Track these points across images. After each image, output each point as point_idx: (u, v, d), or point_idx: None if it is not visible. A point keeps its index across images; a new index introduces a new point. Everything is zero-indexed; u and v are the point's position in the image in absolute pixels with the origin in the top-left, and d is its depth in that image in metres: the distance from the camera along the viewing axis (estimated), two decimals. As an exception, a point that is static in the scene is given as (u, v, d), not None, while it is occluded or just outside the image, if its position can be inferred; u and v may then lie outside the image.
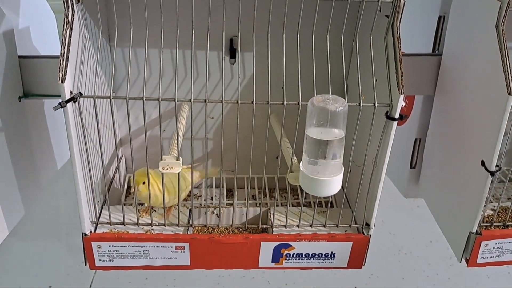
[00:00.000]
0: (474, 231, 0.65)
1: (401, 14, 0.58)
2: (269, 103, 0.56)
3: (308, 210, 0.69)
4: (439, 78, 0.76)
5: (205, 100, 0.56)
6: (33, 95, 0.73)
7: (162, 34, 0.57)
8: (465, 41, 0.69)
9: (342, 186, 0.74)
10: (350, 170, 0.64)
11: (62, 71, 0.53)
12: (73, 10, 0.55)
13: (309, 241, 0.65)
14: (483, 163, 0.62)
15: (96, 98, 0.55)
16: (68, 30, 0.55)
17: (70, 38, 0.54)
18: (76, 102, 0.55)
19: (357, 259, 0.67)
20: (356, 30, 0.60)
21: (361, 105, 0.57)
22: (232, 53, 0.74)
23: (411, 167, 0.85)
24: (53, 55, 0.71)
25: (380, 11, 0.61)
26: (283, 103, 0.56)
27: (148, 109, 0.77)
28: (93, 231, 0.63)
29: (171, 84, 0.75)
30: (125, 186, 0.81)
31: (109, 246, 0.63)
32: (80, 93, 0.55)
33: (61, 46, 0.54)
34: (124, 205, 0.66)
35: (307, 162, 0.57)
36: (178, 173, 0.59)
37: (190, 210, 0.68)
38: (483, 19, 0.63)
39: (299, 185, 0.59)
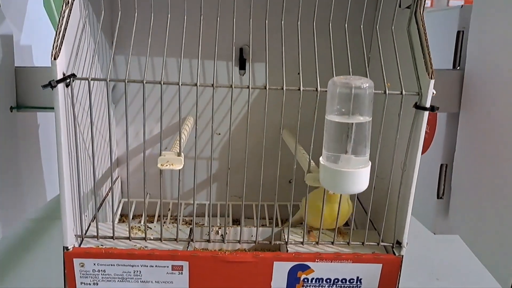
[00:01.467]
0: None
1: (424, 2, 0.54)
2: (284, 89, 0.50)
3: (328, 232, 0.60)
4: (463, 95, 0.71)
5: (212, 85, 0.50)
6: (26, 107, 0.68)
7: (168, 19, 0.53)
8: (489, 52, 0.64)
9: (364, 209, 0.65)
10: (374, 187, 0.56)
11: (56, 48, 0.48)
12: None
13: (331, 261, 0.54)
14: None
15: (91, 80, 0.50)
16: (67, 10, 0.51)
17: (68, 18, 0.50)
18: (69, 87, 0.50)
19: (388, 287, 0.56)
20: (375, 24, 0.56)
21: (387, 92, 0.51)
22: (242, 64, 0.69)
23: (438, 197, 0.76)
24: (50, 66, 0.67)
25: (399, 6, 0.58)
26: (299, 89, 0.51)
27: (149, 123, 0.71)
28: (76, 246, 0.54)
29: (175, 96, 0.71)
30: (120, 207, 0.72)
31: (94, 264, 0.53)
32: (73, 74, 0.50)
33: (58, 25, 0.50)
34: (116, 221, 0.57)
35: (327, 158, 0.50)
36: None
37: (191, 229, 0.59)
38: (506, 24, 0.59)
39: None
